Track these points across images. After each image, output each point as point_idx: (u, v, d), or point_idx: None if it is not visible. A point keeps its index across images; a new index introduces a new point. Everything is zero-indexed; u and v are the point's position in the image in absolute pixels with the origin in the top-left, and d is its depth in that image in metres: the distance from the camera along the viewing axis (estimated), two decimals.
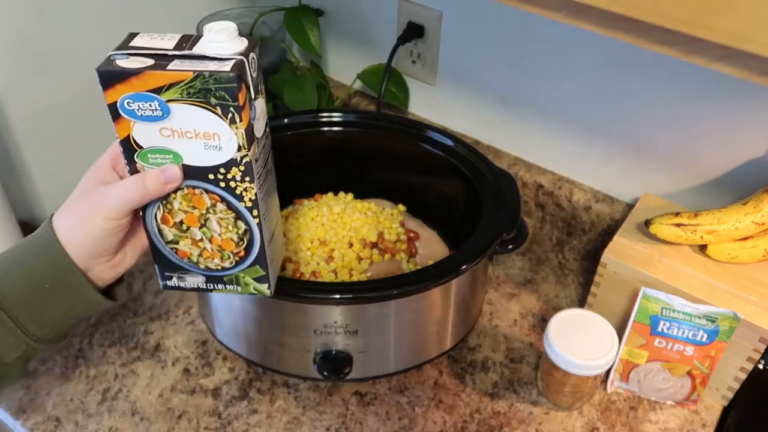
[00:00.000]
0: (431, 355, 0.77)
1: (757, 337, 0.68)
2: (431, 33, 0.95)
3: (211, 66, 0.46)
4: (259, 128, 0.52)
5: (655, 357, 0.72)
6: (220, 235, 0.55)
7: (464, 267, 0.68)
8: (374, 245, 0.79)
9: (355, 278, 0.76)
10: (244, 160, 0.50)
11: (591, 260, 0.91)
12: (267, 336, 0.74)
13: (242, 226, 0.54)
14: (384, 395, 0.76)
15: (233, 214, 0.53)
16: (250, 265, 0.56)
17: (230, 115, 0.47)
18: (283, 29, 1.01)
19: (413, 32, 0.95)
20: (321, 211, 0.82)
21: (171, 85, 0.46)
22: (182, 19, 0.99)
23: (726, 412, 0.75)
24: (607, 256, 0.75)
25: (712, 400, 0.76)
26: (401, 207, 0.88)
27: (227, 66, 0.46)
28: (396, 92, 1.00)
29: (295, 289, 0.67)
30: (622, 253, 0.75)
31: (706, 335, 0.68)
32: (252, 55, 0.48)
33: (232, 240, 0.55)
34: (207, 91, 0.46)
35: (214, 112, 0.47)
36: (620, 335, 0.71)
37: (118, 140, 0.50)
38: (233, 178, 0.51)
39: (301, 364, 0.73)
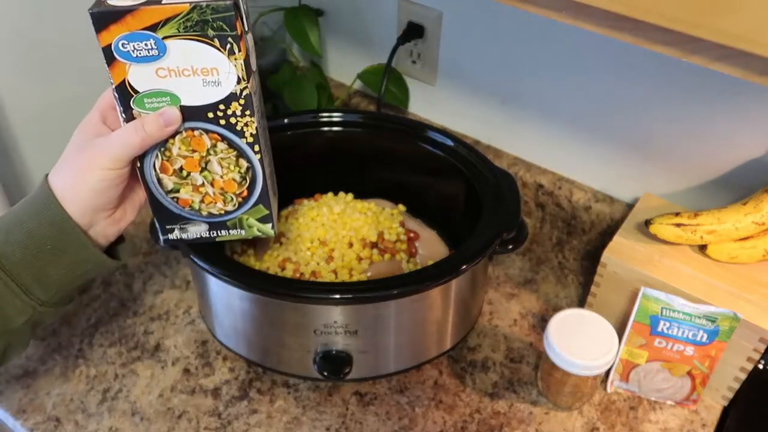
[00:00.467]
0: (431, 355, 0.77)
1: (757, 337, 0.68)
2: (431, 33, 0.95)
3: None
4: (253, 62, 0.51)
5: (655, 357, 0.72)
6: (221, 176, 0.54)
7: (464, 267, 0.68)
8: (374, 245, 0.79)
9: (355, 278, 0.76)
10: (244, 93, 0.49)
11: (591, 260, 0.91)
12: (267, 336, 0.74)
13: (244, 164, 0.53)
14: (384, 395, 0.76)
15: (234, 153, 0.53)
16: (254, 205, 0.56)
17: (228, 46, 0.47)
18: (283, 29, 1.01)
19: (413, 32, 0.95)
20: (321, 211, 0.82)
21: (167, 20, 0.46)
22: None
23: (726, 412, 0.75)
24: (607, 256, 0.75)
25: (712, 400, 0.76)
26: (401, 207, 0.88)
27: None
28: (396, 92, 1.00)
29: (295, 289, 0.67)
30: (622, 253, 0.75)
31: (706, 335, 0.68)
32: None
33: (234, 180, 0.54)
34: (204, 23, 0.46)
35: (212, 45, 0.47)
36: (620, 335, 0.71)
37: (113, 86, 0.49)
38: (233, 114, 0.50)
39: (301, 364, 0.73)
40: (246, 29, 0.49)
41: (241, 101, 0.50)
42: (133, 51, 0.47)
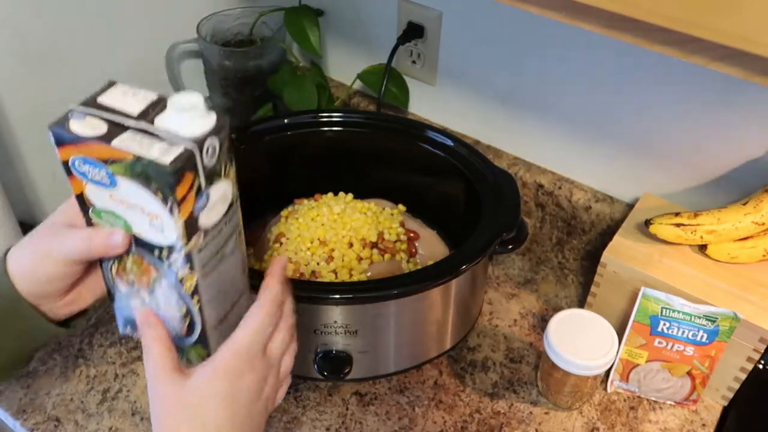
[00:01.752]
0: (431, 355, 0.77)
1: (757, 337, 0.68)
2: (431, 33, 0.95)
3: (155, 151, 0.42)
4: (215, 215, 0.47)
5: (655, 357, 0.72)
6: (163, 308, 0.51)
7: (464, 267, 0.68)
8: (374, 245, 0.79)
9: (355, 278, 0.75)
10: (183, 251, 0.46)
11: (591, 260, 0.91)
12: None
13: (183, 308, 0.50)
14: (384, 395, 0.76)
15: (176, 295, 0.49)
16: (194, 344, 0.52)
17: (169, 204, 0.43)
18: (283, 29, 1.01)
19: (413, 32, 0.95)
20: (321, 211, 0.82)
21: (115, 160, 0.43)
22: (182, 19, 0.99)
23: (726, 412, 0.75)
24: (607, 256, 0.75)
25: (712, 400, 0.76)
26: (401, 207, 0.88)
27: (169, 156, 0.41)
28: (396, 92, 1.00)
29: (295, 289, 0.67)
30: (622, 253, 0.75)
31: (706, 335, 0.68)
32: (212, 141, 0.43)
33: (174, 317, 0.51)
34: (147, 176, 0.43)
35: (155, 196, 0.44)
36: (620, 335, 0.71)
37: (74, 194, 0.48)
38: (175, 263, 0.47)
39: (301, 364, 0.73)
40: (203, 185, 0.44)
41: (182, 255, 0.46)
42: (88, 173, 0.45)
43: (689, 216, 0.73)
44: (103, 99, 0.46)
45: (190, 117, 0.43)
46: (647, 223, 0.75)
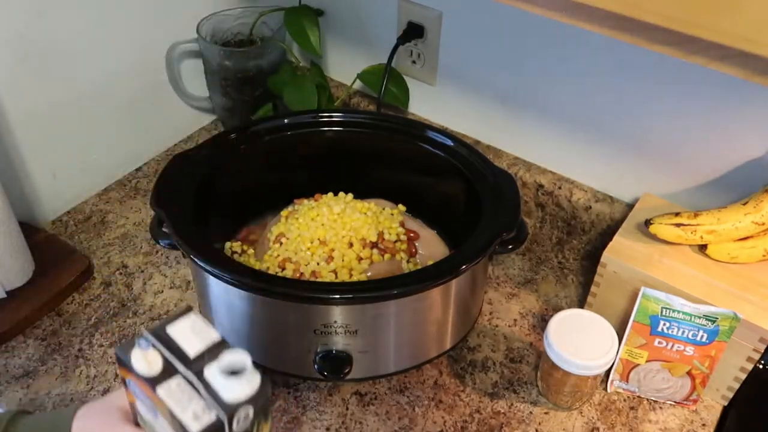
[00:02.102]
0: (431, 355, 0.77)
1: (757, 337, 0.68)
2: (431, 33, 0.95)
3: (189, 412, 0.45)
4: None
5: (655, 357, 0.72)
6: None
7: (464, 267, 0.68)
8: (374, 245, 0.79)
9: (355, 278, 0.75)
10: None
11: (591, 260, 0.91)
12: (267, 336, 0.74)
13: None
14: (384, 395, 0.76)
15: None
16: None
17: None
18: (283, 29, 1.01)
19: (413, 32, 0.95)
20: (321, 211, 0.82)
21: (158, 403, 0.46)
22: (182, 19, 0.99)
23: (726, 411, 0.75)
24: (607, 256, 0.75)
25: (712, 399, 0.76)
26: (401, 207, 0.88)
27: (199, 424, 0.44)
28: (396, 92, 1.00)
29: (295, 289, 0.67)
30: (622, 253, 0.75)
31: (706, 335, 0.68)
32: (246, 409, 0.45)
33: None
34: (180, 428, 0.45)
35: None
36: (620, 335, 0.71)
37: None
38: None
39: (301, 364, 0.73)
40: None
41: None
42: (138, 395, 0.49)
43: (689, 216, 0.73)
44: (171, 329, 0.48)
45: (234, 381, 0.45)
46: (647, 223, 0.75)
